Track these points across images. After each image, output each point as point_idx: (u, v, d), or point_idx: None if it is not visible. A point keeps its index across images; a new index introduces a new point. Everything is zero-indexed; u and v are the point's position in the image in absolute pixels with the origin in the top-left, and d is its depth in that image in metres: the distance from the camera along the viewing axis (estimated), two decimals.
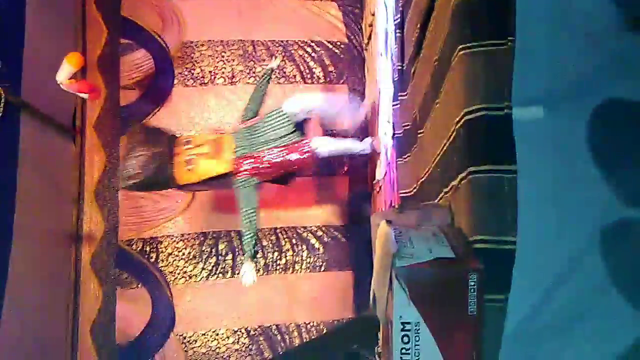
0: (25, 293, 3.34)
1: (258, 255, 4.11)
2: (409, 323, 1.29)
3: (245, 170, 3.20)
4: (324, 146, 3.37)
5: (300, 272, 4.17)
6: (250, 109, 3.45)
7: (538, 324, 1.43)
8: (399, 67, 2.83)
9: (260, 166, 3.22)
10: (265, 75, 3.52)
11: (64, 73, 3.34)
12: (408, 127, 2.63)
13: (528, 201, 1.37)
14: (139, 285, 4.07)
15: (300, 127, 3.38)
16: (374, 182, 3.90)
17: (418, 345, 1.29)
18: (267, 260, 4.16)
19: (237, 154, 3.22)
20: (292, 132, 3.31)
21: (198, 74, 4.34)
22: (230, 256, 4.14)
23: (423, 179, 2.21)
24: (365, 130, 4.03)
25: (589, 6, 1.44)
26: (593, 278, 1.41)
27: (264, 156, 3.23)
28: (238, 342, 4.04)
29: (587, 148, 1.41)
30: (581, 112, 1.41)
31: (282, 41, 4.41)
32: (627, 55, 1.41)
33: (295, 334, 4.08)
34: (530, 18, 1.42)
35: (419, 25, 2.27)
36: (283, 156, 3.26)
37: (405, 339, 1.29)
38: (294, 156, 3.28)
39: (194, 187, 3.42)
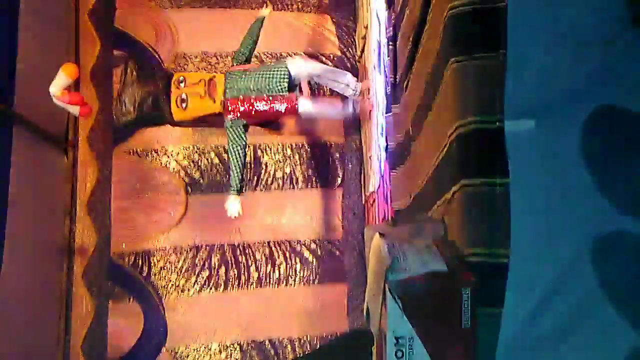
0: (16, 306, 3.31)
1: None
2: (402, 337, 1.28)
3: (234, 112, 3.37)
4: (310, 106, 3.53)
5: (294, 285, 4.15)
6: (243, 53, 3.68)
7: (532, 337, 1.42)
8: (392, 80, 2.84)
9: (248, 110, 3.38)
10: (257, 22, 3.73)
11: (59, 84, 3.34)
12: (401, 140, 2.63)
13: (521, 213, 1.37)
14: (131, 299, 4.03)
15: (292, 86, 3.51)
16: (367, 194, 3.90)
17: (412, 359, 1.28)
18: (261, 274, 4.14)
19: (227, 96, 3.39)
20: (284, 88, 3.44)
21: None
22: (223, 269, 4.12)
23: (416, 192, 2.20)
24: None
25: (580, 15, 1.44)
26: (586, 289, 1.40)
27: (253, 102, 3.39)
28: (230, 357, 4.00)
29: (580, 158, 1.41)
30: (573, 122, 1.41)
31: (275, 53, 4.43)
32: (617, 63, 1.42)
33: (289, 348, 4.04)
34: (522, 30, 1.42)
35: (411, 38, 2.27)
36: (270, 106, 3.41)
37: (399, 354, 1.28)
38: (280, 108, 3.43)
39: (188, 124, 3.74)
